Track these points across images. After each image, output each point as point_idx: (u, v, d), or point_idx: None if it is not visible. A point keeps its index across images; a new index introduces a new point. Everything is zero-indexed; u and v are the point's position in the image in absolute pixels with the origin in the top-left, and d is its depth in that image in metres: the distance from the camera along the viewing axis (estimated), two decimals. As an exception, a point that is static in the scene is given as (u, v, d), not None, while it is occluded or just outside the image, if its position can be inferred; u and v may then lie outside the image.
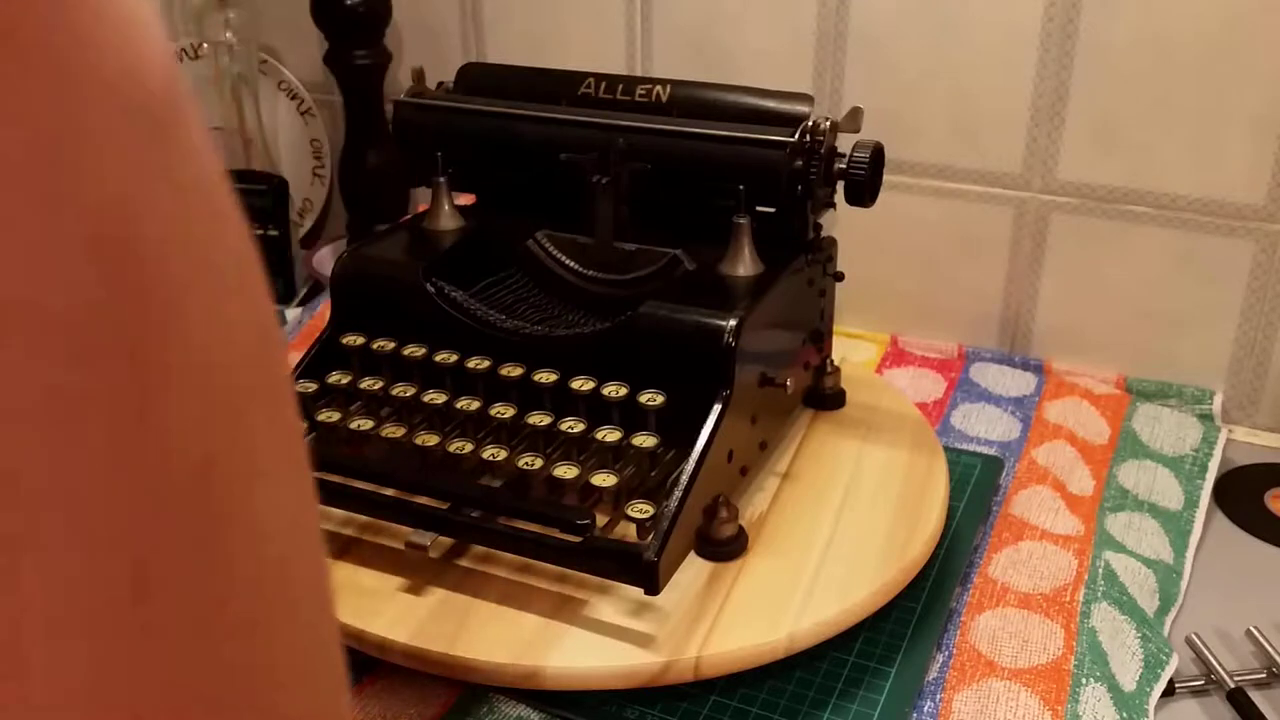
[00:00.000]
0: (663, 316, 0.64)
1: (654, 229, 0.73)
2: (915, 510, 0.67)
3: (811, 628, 0.58)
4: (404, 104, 0.78)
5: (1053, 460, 0.80)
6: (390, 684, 0.60)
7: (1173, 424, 0.86)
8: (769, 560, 0.63)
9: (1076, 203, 0.91)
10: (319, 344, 0.72)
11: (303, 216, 1.25)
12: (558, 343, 0.67)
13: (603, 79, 0.76)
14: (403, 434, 0.67)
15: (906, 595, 0.64)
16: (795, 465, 0.72)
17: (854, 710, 0.58)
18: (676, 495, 0.59)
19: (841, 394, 0.79)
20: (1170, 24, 0.83)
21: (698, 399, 0.63)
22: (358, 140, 1.14)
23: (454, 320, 0.69)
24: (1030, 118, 0.90)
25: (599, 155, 0.72)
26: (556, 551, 0.59)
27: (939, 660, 0.62)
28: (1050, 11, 0.87)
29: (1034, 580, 0.68)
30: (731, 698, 0.59)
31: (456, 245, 0.74)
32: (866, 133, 0.71)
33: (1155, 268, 0.90)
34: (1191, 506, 0.77)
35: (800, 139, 0.69)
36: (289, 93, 1.23)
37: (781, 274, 0.69)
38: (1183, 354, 0.91)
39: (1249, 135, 0.83)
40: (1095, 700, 0.58)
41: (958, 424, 0.86)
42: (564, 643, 0.57)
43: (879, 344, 0.99)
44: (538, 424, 0.65)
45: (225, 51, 1.16)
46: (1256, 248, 0.86)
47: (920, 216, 0.96)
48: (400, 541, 0.62)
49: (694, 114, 0.73)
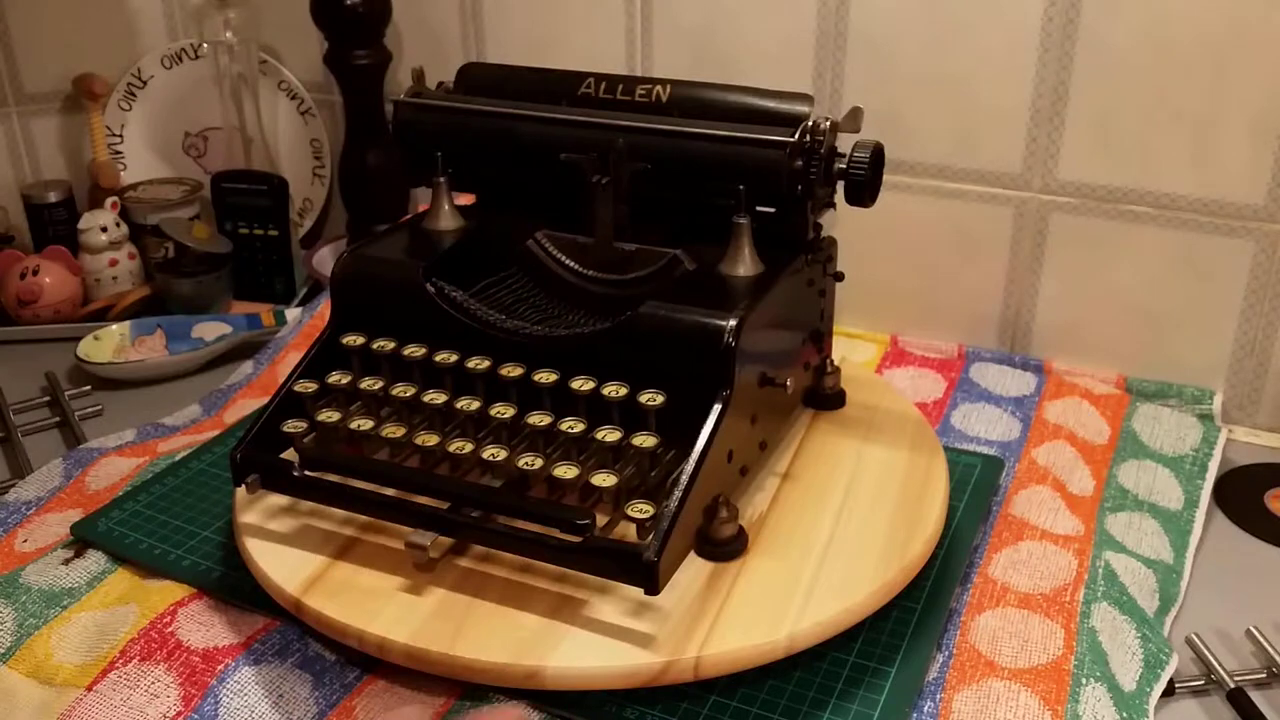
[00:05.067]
0: (663, 316, 0.64)
1: (654, 229, 0.73)
2: (915, 510, 0.67)
3: (811, 628, 0.58)
4: (404, 104, 0.78)
5: (1053, 460, 0.80)
6: (390, 684, 0.60)
7: (1173, 424, 0.86)
8: (769, 560, 0.63)
9: (1076, 203, 0.91)
10: (319, 344, 0.72)
11: (303, 216, 1.25)
12: (558, 343, 0.67)
13: (603, 79, 0.76)
14: (403, 434, 0.67)
15: (906, 595, 0.64)
16: (795, 465, 0.72)
17: (854, 710, 0.58)
18: (676, 495, 0.60)
19: (841, 394, 0.79)
20: (1170, 24, 0.83)
21: (698, 399, 0.63)
22: (358, 140, 1.14)
23: (454, 320, 0.69)
24: (1030, 118, 0.90)
25: (599, 155, 0.72)
26: (556, 551, 0.59)
27: (939, 660, 0.62)
28: (1050, 11, 0.87)
29: (1034, 580, 0.68)
30: (731, 698, 0.59)
31: (456, 245, 0.74)
32: (866, 133, 0.71)
33: (1155, 268, 0.90)
34: (1191, 506, 0.77)
35: (800, 139, 0.69)
36: (289, 93, 1.23)
37: (781, 274, 0.69)
38: (1183, 354, 0.91)
39: (1249, 135, 0.83)
40: (1095, 700, 0.58)
41: (958, 424, 0.86)
42: (564, 643, 0.57)
43: (879, 344, 0.99)
44: (538, 424, 0.65)
45: (225, 51, 1.16)
46: (1256, 248, 0.86)
47: (920, 216, 0.96)
48: (400, 541, 0.62)
49: (694, 114, 0.73)
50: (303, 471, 0.65)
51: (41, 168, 1.22)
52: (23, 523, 0.76)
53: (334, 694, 0.60)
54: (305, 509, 0.68)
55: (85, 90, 1.18)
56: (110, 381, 0.98)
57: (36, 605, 0.66)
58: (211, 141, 1.25)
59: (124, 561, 0.70)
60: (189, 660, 0.61)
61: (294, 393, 0.69)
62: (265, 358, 0.99)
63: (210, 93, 1.21)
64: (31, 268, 1.07)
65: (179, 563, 0.69)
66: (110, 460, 0.82)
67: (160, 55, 1.22)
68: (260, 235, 1.13)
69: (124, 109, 1.22)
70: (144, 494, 0.76)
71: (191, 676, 0.60)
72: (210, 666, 0.61)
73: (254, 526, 0.66)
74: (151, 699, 0.59)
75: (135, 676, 0.60)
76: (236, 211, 1.13)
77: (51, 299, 1.07)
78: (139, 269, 1.13)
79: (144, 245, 1.13)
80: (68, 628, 0.64)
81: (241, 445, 0.67)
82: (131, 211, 1.13)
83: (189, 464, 0.80)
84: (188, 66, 1.22)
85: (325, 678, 0.60)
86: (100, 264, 1.10)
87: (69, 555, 0.71)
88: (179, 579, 0.68)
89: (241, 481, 0.66)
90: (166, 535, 0.72)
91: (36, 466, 0.83)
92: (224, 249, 1.11)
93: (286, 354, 0.99)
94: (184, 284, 1.09)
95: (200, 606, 0.65)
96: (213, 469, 0.79)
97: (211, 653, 0.62)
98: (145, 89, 1.22)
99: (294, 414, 0.69)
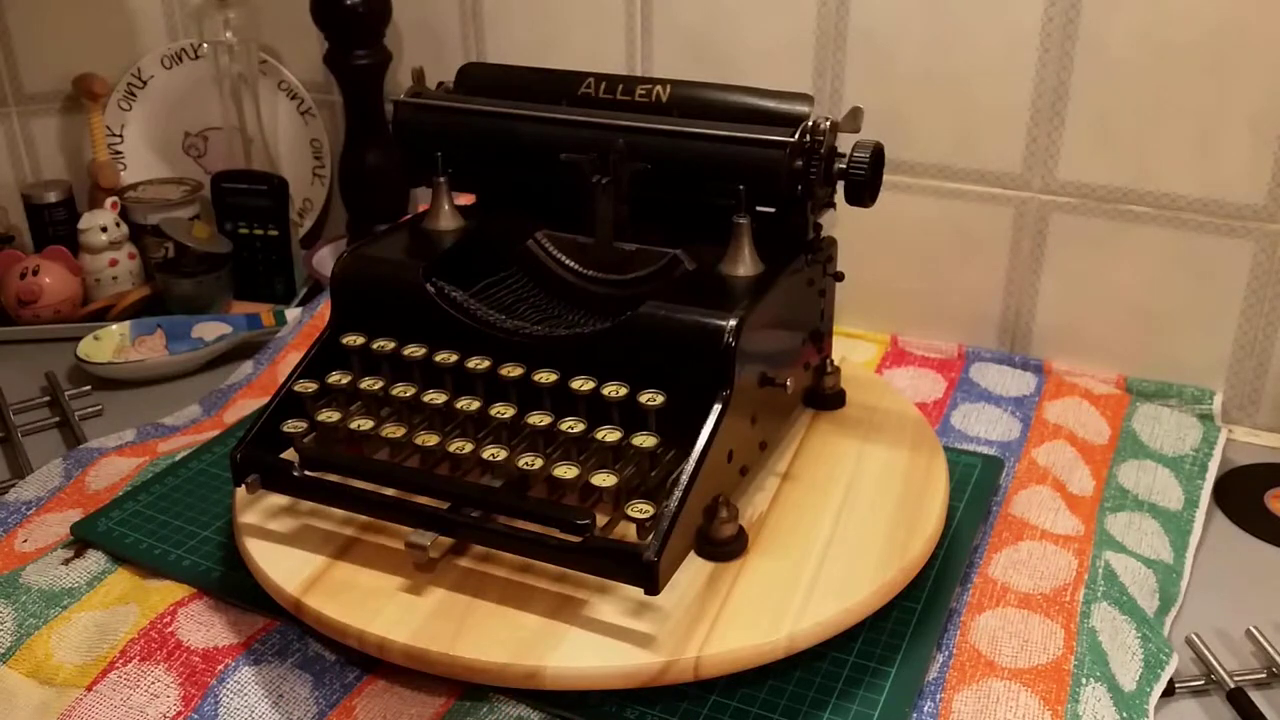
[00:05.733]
0: (663, 316, 0.64)
1: (654, 229, 0.73)
2: (915, 510, 0.67)
3: (811, 628, 0.58)
4: (404, 104, 0.78)
5: (1053, 460, 0.80)
6: (390, 684, 0.60)
7: (1173, 424, 0.86)
8: (769, 560, 0.63)
9: (1076, 203, 0.91)
10: (319, 344, 0.72)
11: (303, 216, 1.25)
12: (558, 343, 0.67)
13: (603, 79, 0.76)
14: (403, 434, 0.67)
15: (906, 595, 0.64)
16: (795, 465, 0.72)
17: (854, 710, 0.58)
18: (676, 495, 0.60)
19: (841, 394, 0.79)
20: (1170, 24, 0.83)
21: (698, 399, 0.63)
22: (358, 140, 1.14)
23: (454, 320, 0.69)
24: (1030, 118, 0.90)
25: (599, 155, 0.72)
26: (556, 551, 0.59)
27: (939, 660, 0.62)
28: (1050, 11, 0.87)
29: (1034, 580, 0.68)
30: (731, 698, 0.59)
31: (456, 245, 0.74)
32: (866, 133, 0.71)
33: (1155, 268, 0.90)
34: (1191, 506, 0.77)
35: (800, 139, 0.69)
36: (289, 93, 1.23)
37: (781, 274, 0.69)
38: (1183, 354, 0.91)
39: (1249, 135, 0.83)
40: (1095, 700, 0.58)
41: (958, 424, 0.86)
42: (564, 643, 0.57)
43: (879, 344, 0.99)
44: (538, 424, 0.65)
45: (225, 51, 1.16)
46: (1256, 248, 0.86)
47: (920, 216, 0.96)
48: (400, 541, 0.62)
49: (694, 114, 0.73)
50: (303, 471, 0.65)
51: (41, 168, 1.22)
52: (23, 523, 0.76)
53: (334, 694, 0.60)
54: (305, 509, 0.68)
55: (85, 90, 1.18)
56: (110, 381, 0.98)
57: (36, 605, 0.66)
58: (211, 141, 1.25)
59: (124, 561, 0.70)
60: (189, 660, 0.61)
61: (294, 393, 0.69)
62: (265, 358, 0.99)
63: (210, 93, 1.21)
64: (31, 268, 1.07)
65: (179, 563, 0.69)
66: (110, 460, 0.82)
67: (160, 55, 1.22)
68: (260, 235, 1.13)
69: (124, 109, 1.22)
70: (144, 494, 0.76)
71: (191, 676, 0.60)
72: (210, 666, 0.61)
73: (254, 526, 0.66)
74: (151, 699, 0.59)
75: (135, 676, 0.60)
76: (236, 211, 1.13)
77: (51, 299, 1.07)
78: (139, 269, 1.13)
79: (144, 245, 1.13)
80: (68, 628, 0.64)
81: (241, 445, 0.67)
82: (131, 211, 1.13)
83: (189, 464, 0.80)
84: (188, 66, 1.22)
85: (325, 678, 0.60)
86: (100, 264, 1.10)
87: (69, 555, 0.71)
88: (179, 579, 0.68)
89: (241, 481, 0.66)
90: (166, 535, 0.72)
91: (36, 466, 0.83)
92: (224, 249, 1.11)
93: (286, 354, 0.99)
94: (184, 284, 1.09)
95: (200, 606, 0.65)
96: (213, 469, 0.79)
97: (211, 653, 0.62)
98: (145, 89, 1.22)
99: (294, 414, 0.69)
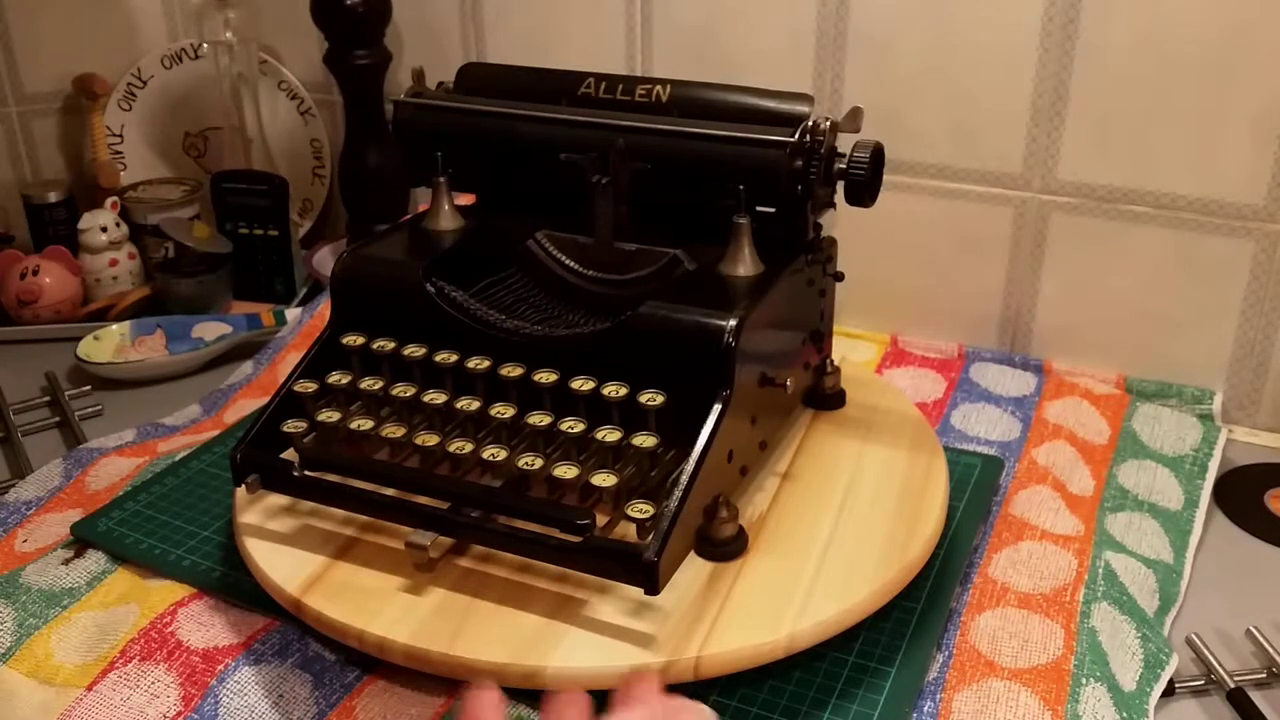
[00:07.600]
0: (662, 316, 0.64)
1: (654, 229, 0.73)
2: (915, 510, 0.67)
3: (811, 628, 0.58)
4: (404, 104, 0.78)
5: (1053, 460, 0.80)
6: (390, 684, 0.60)
7: (1173, 424, 0.86)
8: (769, 560, 0.63)
9: (1076, 203, 0.91)
10: (319, 344, 0.72)
11: (303, 216, 1.25)
12: (558, 343, 0.67)
13: (603, 79, 0.76)
14: (403, 434, 0.67)
15: (906, 595, 0.64)
16: (795, 465, 0.72)
17: (854, 710, 0.58)
18: (676, 495, 0.59)
19: (841, 394, 0.79)
20: (1170, 24, 0.83)
21: (698, 399, 0.63)
22: (358, 140, 1.14)
23: (454, 320, 0.69)
24: (1030, 118, 0.90)
25: (599, 155, 0.72)
26: (556, 551, 0.59)
27: (939, 660, 0.62)
28: (1050, 11, 0.87)
29: (1034, 580, 0.68)
30: (731, 698, 0.59)
31: (456, 245, 0.74)
32: (866, 133, 0.71)
33: (1155, 268, 0.90)
34: (1191, 506, 0.77)
35: (800, 139, 0.69)
36: (289, 93, 1.23)
37: (781, 274, 0.69)
38: (1183, 354, 0.91)
39: (1249, 135, 0.83)
40: (1095, 700, 0.58)
41: (958, 424, 0.86)
42: (564, 643, 0.57)
43: (879, 344, 0.99)
44: (538, 424, 0.65)
45: (225, 51, 1.16)
46: (1256, 248, 0.86)
47: (920, 216, 0.96)
48: (400, 541, 0.62)
49: (694, 114, 0.73)
50: (303, 471, 0.65)
51: (41, 168, 1.22)
52: (23, 523, 0.76)
53: (334, 694, 0.60)
54: (305, 509, 0.68)
55: (85, 90, 1.18)
56: (110, 381, 0.98)
57: (36, 605, 0.66)
58: (211, 141, 1.25)
59: (124, 561, 0.70)
60: (189, 660, 0.61)
61: (294, 393, 0.69)
62: (265, 358, 0.99)
63: (210, 93, 1.21)
64: (31, 268, 1.07)
65: (179, 563, 0.69)
66: (110, 460, 0.82)
67: (160, 55, 1.22)
68: (260, 235, 1.13)
69: (124, 109, 1.22)
70: (144, 494, 0.76)
71: (191, 676, 0.60)
72: (210, 666, 0.61)
73: (254, 526, 0.66)
74: (151, 699, 0.59)
75: (135, 676, 0.60)
76: (236, 211, 1.13)
77: (51, 299, 1.07)
78: (139, 269, 1.13)
79: (144, 245, 1.13)
80: (68, 628, 0.64)
81: (241, 445, 0.67)
82: (131, 211, 1.13)
83: (189, 464, 0.80)
84: (188, 66, 1.22)
85: (325, 678, 0.60)
86: (100, 264, 1.10)
87: (69, 555, 0.71)
88: (179, 579, 0.68)
89: (241, 481, 0.66)
90: (166, 535, 0.72)
91: (36, 466, 0.83)
92: (224, 249, 1.11)
93: (286, 354, 0.99)
94: (184, 284, 1.09)
95: (200, 606, 0.65)
96: (213, 469, 0.79)
97: (211, 653, 0.62)
98: (145, 89, 1.22)
99: (294, 414, 0.69)
